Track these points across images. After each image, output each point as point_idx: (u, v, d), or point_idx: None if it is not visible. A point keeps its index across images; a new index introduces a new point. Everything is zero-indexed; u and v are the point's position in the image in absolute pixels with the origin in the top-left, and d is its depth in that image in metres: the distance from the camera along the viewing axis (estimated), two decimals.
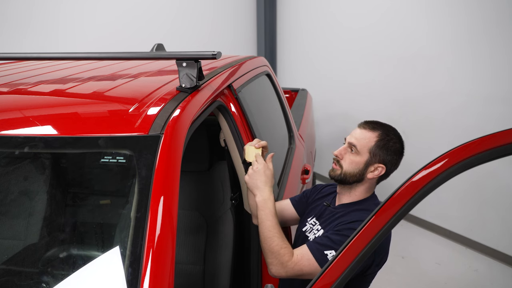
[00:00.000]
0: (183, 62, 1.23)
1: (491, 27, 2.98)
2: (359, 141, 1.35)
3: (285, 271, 1.25)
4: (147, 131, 1.04)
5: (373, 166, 1.34)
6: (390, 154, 1.34)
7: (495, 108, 3.03)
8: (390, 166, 1.36)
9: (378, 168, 1.34)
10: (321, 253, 1.25)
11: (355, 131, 1.39)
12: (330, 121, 4.54)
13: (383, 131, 1.36)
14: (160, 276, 0.86)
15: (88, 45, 3.77)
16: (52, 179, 1.21)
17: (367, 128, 1.37)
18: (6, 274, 1.07)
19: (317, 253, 1.25)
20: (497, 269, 3.11)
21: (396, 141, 1.36)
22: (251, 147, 1.38)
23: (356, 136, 1.37)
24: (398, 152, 1.37)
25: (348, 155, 1.37)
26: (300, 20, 4.82)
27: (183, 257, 1.78)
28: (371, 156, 1.34)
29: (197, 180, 1.87)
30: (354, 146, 1.35)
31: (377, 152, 1.34)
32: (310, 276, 1.25)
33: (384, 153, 1.34)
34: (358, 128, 1.40)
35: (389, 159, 1.34)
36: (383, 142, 1.34)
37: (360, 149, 1.34)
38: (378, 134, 1.35)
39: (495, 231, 3.20)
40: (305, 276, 1.26)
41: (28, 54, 1.40)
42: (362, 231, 0.91)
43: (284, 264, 1.24)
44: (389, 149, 1.34)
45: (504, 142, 0.87)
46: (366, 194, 1.39)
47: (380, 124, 1.39)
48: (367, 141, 1.34)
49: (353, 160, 1.35)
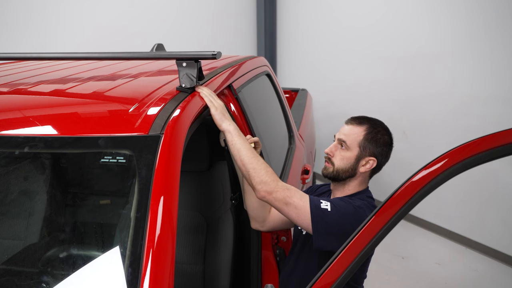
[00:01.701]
0: (183, 62, 1.23)
1: (491, 27, 2.98)
2: (348, 136, 1.38)
3: (274, 190, 1.22)
4: (147, 131, 1.04)
5: (364, 159, 1.37)
6: (380, 146, 1.37)
7: (495, 108, 3.03)
8: (381, 158, 1.39)
9: (370, 161, 1.37)
10: (317, 199, 1.26)
11: (343, 128, 1.42)
12: (330, 121, 4.54)
13: (370, 125, 1.39)
14: (160, 276, 0.86)
15: (88, 45, 3.77)
16: (52, 179, 1.21)
17: (354, 123, 1.40)
18: (6, 274, 1.07)
19: (312, 197, 1.27)
20: (497, 269, 3.11)
21: (384, 133, 1.39)
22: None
23: (344, 132, 1.40)
24: (387, 143, 1.39)
25: (339, 151, 1.39)
26: (300, 20, 4.82)
27: (183, 257, 1.78)
28: (361, 150, 1.36)
29: (197, 180, 1.87)
30: (344, 142, 1.38)
31: (367, 145, 1.36)
32: (294, 209, 1.23)
33: (374, 145, 1.37)
34: (346, 124, 1.43)
35: (379, 151, 1.37)
36: (371, 135, 1.37)
37: (350, 144, 1.37)
38: (366, 128, 1.38)
39: (495, 231, 3.20)
40: (288, 208, 1.23)
41: (28, 54, 1.40)
42: (362, 231, 0.90)
43: (274, 183, 1.23)
44: (378, 141, 1.37)
45: (504, 142, 0.87)
46: (359, 188, 1.41)
47: (367, 118, 1.42)
48: (355, 136, 1.37)
49: (344, 156, 1.37)
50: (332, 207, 1.25)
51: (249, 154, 1.25)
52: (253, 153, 1.26)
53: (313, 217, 1.23)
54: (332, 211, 1.24)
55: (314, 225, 1.23)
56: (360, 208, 1.28)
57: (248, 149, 1.25)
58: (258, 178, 1.23)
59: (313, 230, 1.24)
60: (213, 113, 1.26)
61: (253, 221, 1.48)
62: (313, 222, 1.23)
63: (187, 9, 4.59)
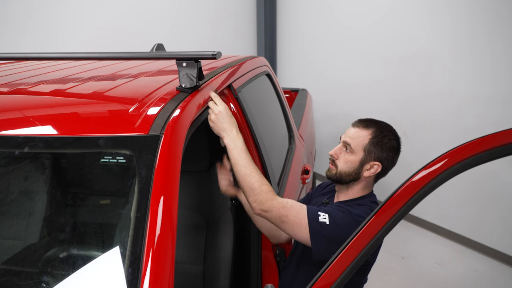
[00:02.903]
0: (183, 62, 1.23)
1: (491, 28, 2.98)
2: (353, 139, 1.35)
3: (269, 209, 1.22)
4: (147, 131, 1.04)
5: (369, 164, 1.33)
6: (385, 151, 1.33)
7: (495, 108, 3.03)
8: (387, 163, 1.35)
9: (374, 166, 1.34)
10: (315, 212, 1.25)
11: (349, 130, 1.38)
12: (330, 121, 4.54)
13: (377, 128, 1.35)
14: (160, 276, 0.86)
15: (88, 45, 3.77)
16: (52, 179, 1.21)
17: (360, 126, 1.37)
18: (6, 274, 1.07)
19: (311, 209, 1.25)
20: (497, 269, 3.11)
21: (391, 137, 1.35)
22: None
23: (350, 135, 1.36)
24: (394, 148, 1.35)
25: (343, 154, 1.36)
26: (300, 20, 4.82)
27: (183, 257, 1.78)
28: (366, 154, 1.33)
29: (197, 180, 1.87)
30: (349, 144, 1.35)
31: (372, 149, 1.33)
32: (290, 227, 1.23)
33: (379, 150, 1.33)
34: (352, 126, 1.39)
35: (384, 156, 1.34)
36: (377, 140, 1.33)
37: (355, 147, 1.34)
38: (372, 132, 1.34)
39: (495, 231, 3.20)
40: (284, 226, 1.24)
41: (28, 54, 1.40)
42: (362, 231, 0.90)
43: (268, 202, 1.22)
44: (384, 146, 1.33)
45: (504, 142, 0.87)
46: (363, 192, 1.39)
47: (374, 122, 1.38)
48: (361, 139, 1.34)
49: (348, 159, 1.35)
50: (330, 220, 1.23)
51: (242, 171, 1.24)
52: (248, 169, 1.24)
53: (311, 231, 1.22)
54: (331, 224, 1.23)
55: (313, 238, 1.22)
56: (359, 216, 1.26)
57: (242, 165, 1.24)
58: (253, 197, 1.23)
59: (312, 244, 1.23)
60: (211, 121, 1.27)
61: (270, 239, 1.50)
62: (311, 236, 1.22)
63: (187, 9, 4.59)
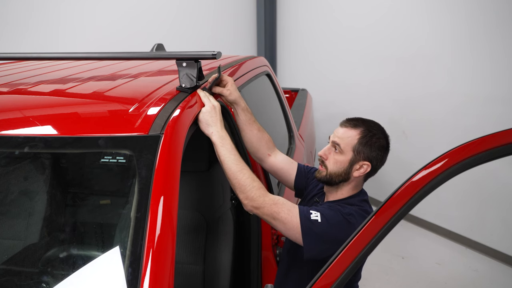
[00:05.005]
0: (183, 62, 1.23)
1: (491, 28, 2.98)
2: (342, 139, 1.33)
3: (261, 205, 1.21)
4: (147, 131, 1.04)
5: (358, 164, 1.32)
6: (375, 150, 1.32)
7: (495, 108, 3.03)
8: (376, 162, 1.34)
9: (364, 165, 1.32)
10: (307, 210, 1.24)
11: (338, 130, 1.37)
12: (330, 121, 4.54)
13: (366, 128, 1.34)
14: (160, 276, 0.86)
15: (88, 45, 3.77)
16: (52, 179, 1.21)
17: (348, 126, 1.35)
18: (6, 274, 1.07)
19: (302, 208, 1.24)
20: (497, 269, 3.11)
21: (380, 136, 1.34)
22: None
23: (338, 135, 1.35)
24: (383, 147, 1.34)
25: (333, 154, 1.35)
26: (300, 20, 4.82)
27: (183, 257, 1.78)
28: (355, 154, 1.32)
29: (197, 180, 1.87)
30: (338, 145, 1.33)
31: (361, 149, 1.31)
32: (282, 224, 1.22)
33: (368, 150, 1.31)
34: (340, 126, 1.37)
35: (374, 155, 1.32)
36: (366, 139, 1.32)
37: (344, 147, 1.32)
38: (361, 131, 1.33)
39: (495, 231, 3.20)
40: (276, 223, 1.22)
41: (28, 54, 1.40)
42: (362, 231, 0.90)
43: (260, 199, 1.21)
44: (373, 146, 1.32)
45: (504, 142, 0.87)
46: (352, 191, 1.38)
47: (362, 121, 1.36)
48: (350, 139, 1.32)
49: (337, 160, 1.33)
50: (322, 219, 1.22)
51: (233, 168, 1.21)
52: (238, 166, 1.22)
53: (303, 229, 1.21)
54: (323, 223, 1.22)
55: (305, 236, 1.21)
56: (349, 215, 1.25)
57: (232, 162, 1.22)
58: (244, 194, 1.21)
59: (303, 241, 1.22)
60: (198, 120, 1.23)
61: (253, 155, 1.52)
62: (303, 234, 1.21)
63: (187, 9, 4.59)
